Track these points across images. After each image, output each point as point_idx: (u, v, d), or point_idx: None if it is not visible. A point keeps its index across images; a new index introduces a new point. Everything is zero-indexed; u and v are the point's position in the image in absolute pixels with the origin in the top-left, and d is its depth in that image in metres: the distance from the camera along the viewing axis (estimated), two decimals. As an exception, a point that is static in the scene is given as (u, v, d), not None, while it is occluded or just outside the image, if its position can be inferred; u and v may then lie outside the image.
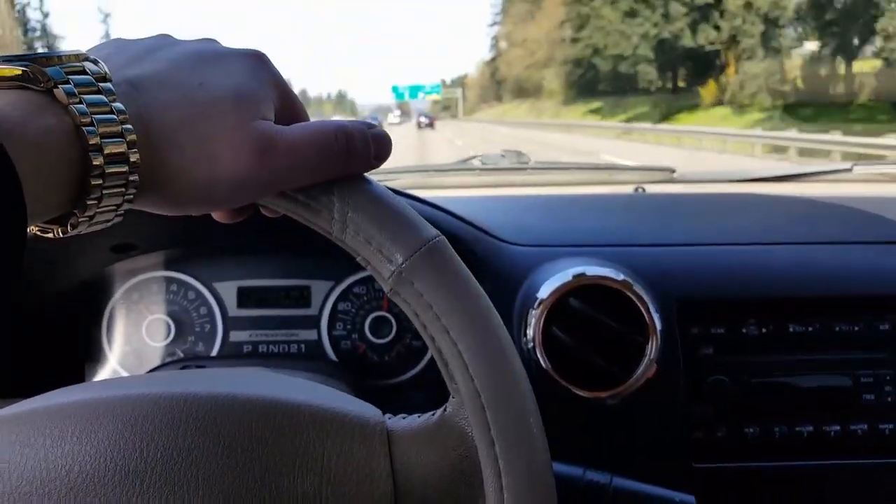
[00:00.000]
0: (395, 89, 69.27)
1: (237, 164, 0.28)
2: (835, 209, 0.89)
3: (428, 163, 2.34)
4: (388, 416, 0.33)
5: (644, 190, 1.10)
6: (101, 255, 0.73)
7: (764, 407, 0.65)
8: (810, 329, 0.65)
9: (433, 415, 0.33)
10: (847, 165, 1.14)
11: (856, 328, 0.65)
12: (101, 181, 0.25)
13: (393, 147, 0.32)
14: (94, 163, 0.25)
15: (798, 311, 0.66)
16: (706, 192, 1.09)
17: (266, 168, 0.29)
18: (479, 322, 0.30)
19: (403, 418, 0.33)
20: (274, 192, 0.30)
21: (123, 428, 0.29)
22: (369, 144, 0.31)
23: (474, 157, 1.35)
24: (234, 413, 0.31)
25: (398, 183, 1.19)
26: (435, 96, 71.44)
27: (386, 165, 0.32)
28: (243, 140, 0.28)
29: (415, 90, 71.15)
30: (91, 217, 0.26)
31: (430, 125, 45.29)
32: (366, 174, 0.32)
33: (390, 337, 0.75)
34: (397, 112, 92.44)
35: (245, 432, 0.30)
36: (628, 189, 1.12)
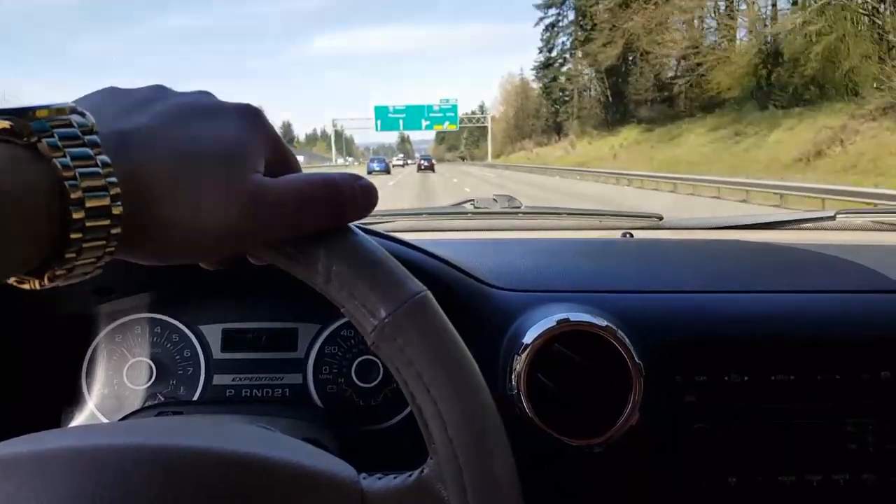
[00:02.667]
0: (380, 113, 59.22)
1: (225, 217, 0.28)
2: (818, 258, 0.90)
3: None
4: (363, 475, 0.33)
5: (632, 235, 1.12)
6: (84, 297, 0.73)
7: (747, 455, 0.65)
8: (792, 378, 0.65)
9: (410, 476, 0.32)
10: (830, 213, 1.16)
11: (837, 377, 0.65)
12: (80, 235, 0.25)
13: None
14: (75, 216, 0.25)
15: (781, 360, 0.66)
16: (692, 239, 1.10)
17: (253, 220, 0.29)
18: (459, 383, 0.30)
19: (379, 478, 0.33)
20: (261, 243, 0.31)
21: (81, 482, 0.28)
22: (356, 196, 0.32)
23: (467, 201, 1.38)
24: (206, 468, 0.30)
25: (392, 226, 1.21)
26: (446, 126, 62.34)
27: (381, 208, 0.35)
28: (232, 194, 0.28)
29: (415, 115, 60.67)
30: (70, 270, 0.26)
31: (430, 168, 46.11)
32: (353, 226, 0.32)
33: (377, 381, 0.74)
34: (400, 156, 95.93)
35: (216, 489, 0.29)
36: (616, 234, 1.13)
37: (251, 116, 0.31)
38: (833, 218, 1.16)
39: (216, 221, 0.28)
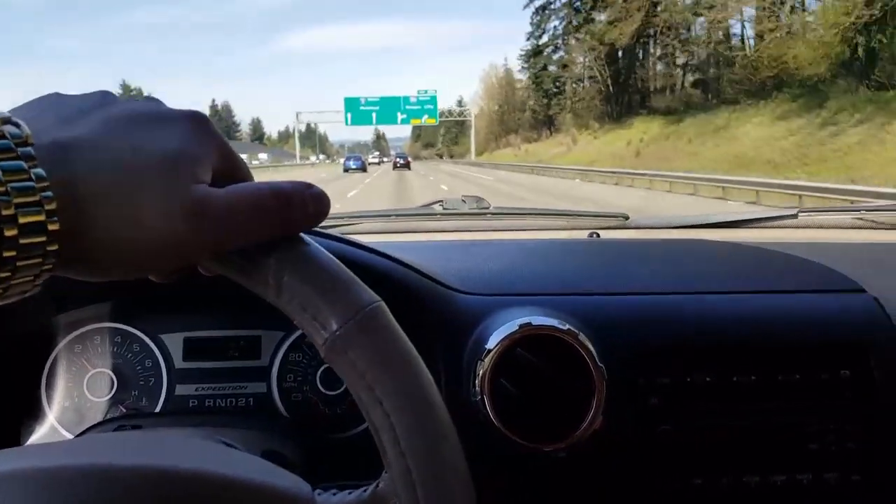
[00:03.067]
0: (350, 105, 53.56)
1: (166, 229, 0.28)
2: (780, 257, 0.92)
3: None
4: (318, 491, 0.32)
5: (598, 235, 1.13)
6: (41, 307, 0.71)
7: (711, 457, 0.66)
8: (754, 378, 0.66)
9: (365, 491, 0.32)
10: (792, 212, 1.19)
11: (798, 377, 0.66)
12: (14, 252, 0.24)
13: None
14: (7, 234, 0.24)
15: (743, 361, 0.67)
16: (657, 239, 1.12)
17: (197, 232, 0.28)
18: (412, 396, 0.29)
19: (334, 494, 0.32)
20: (208, 255, 0.30)
21: (37, 502, 0.28)
22: (307, 204, 0.31)
23: (436, 202, 1.38)
24: (159, 487, 0.29)
25: (358, 227, 1.20)
26: (425, 121, 56.94)
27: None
28: (174, 205, 0.28)
29: (389, 108, 55.33)
30: (6, 289, 0.25)
31: (406, 166, 45.92)
32: (306, 235, 0.32)
33: (342, 389, 0.74)
34: (376, 153, 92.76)
35: None
36: (584, 234, 1.14)
37: (198, 124, 0.31)
38: (795, 216, 1.18)
39: (158, 235, 0.27)
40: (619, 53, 41.01)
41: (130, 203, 0.27)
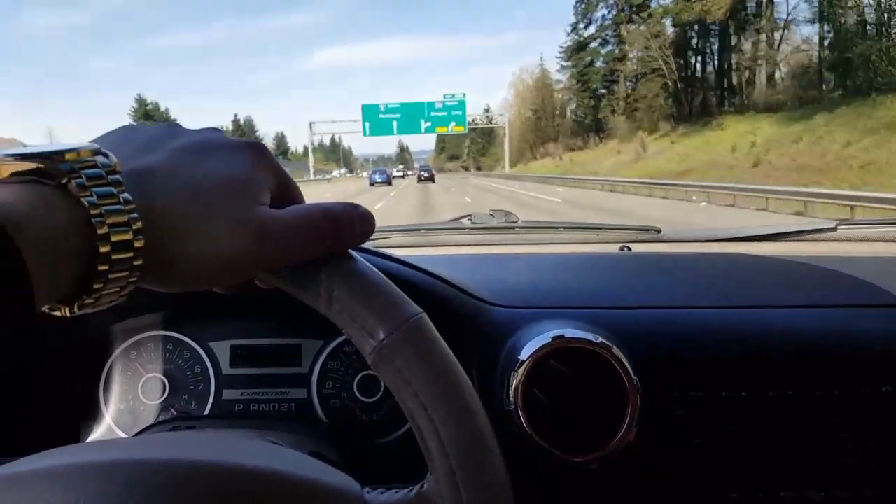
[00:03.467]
0: (369, 113, 50.31)
1: (235, 246, 0.31)
2: (818, 271, 0.91)
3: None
4: (367, 489, 0.34)
5: (630, 249, 1.12)
6: (100, 316, 0.74)
7: (746, 472, 0.65)
8: (790, 393, 0.66)
9: (410, 491, 0.33)
10: (831, 224, 1.17)
11: (836, 392, 0.66)
12: (107, 267, 0.27)
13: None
14: (102, 250, 0.27)
15: (778, 375, 0.66)
16: (691, 252, 1.11)
17: (260, 249, 0.31)
18: (455, 402, 0.31)
19: (382, 493, 0.34)
20: (268, 269, 0.33)
21: (105, 495, 0.30)
22: (354, 223, 0.34)
23: (464, 217, 1.39)
24: (215, 482, 0.31)
25: (389, 242, 1.22)
26: (452, 129, 51.05)
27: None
28: (241, 225, 0.31)
29: (412, 115, 52.53)
30: (97, 299, 0.29)
31: (430, 178, 44.64)
32: (352, 251, 0.35)
33: (379, 396, 0.75)
34: (400, 166, 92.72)
35: (221, 502, 0.31)
36: (614, 248, 1.14)
37: (257, 152, 0.34)
38: (834, 229, 1.16)
39: (227, 251, 0.31)
40: (694, 41, 33.42)
41: (202, 223, 0.30)
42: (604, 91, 47.88)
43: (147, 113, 74.98)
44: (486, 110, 72.22)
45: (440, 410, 0.31)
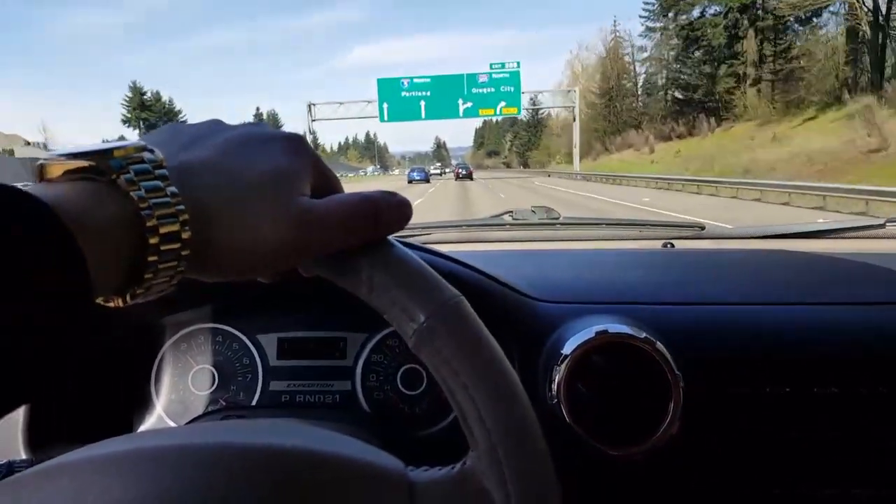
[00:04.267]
0: (387, 90, 36.98)
1: (277, 235, 0.32)
2: (864, 268, 0.89)
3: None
4: (410, 468, 0.35)
5: (673, 246, 1.12)
6: (151, 309, 0.77)
7: (789, 469, 0.65)
8: (835, 390, 0.65)
9: (453, 468, 0.34)
10: (880, 221, 1.14)
11: (882, 390, 0.65)
12: (156, 257, 0.29)
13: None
14: (151, 242, 0.28)
15: (822, 373, 0.66)
16: (735, 249, 1.10)
17: (303, 238, 0.33)
18: (494, 379, 0.32)
19: (425, 470, 0.35)
20: (310, 257, 0.35)
21: (166, 477, 0.31)
22: (392, 211, 0.35)
23: (506, 213, 1.40)
24: (267, 463, 0.33)
25: (431, 237, 1.24)
26: (500, 111, 38.43)
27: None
28: (282, 215, 0.32)
29: (446, 93, 37.60)
30: (148, 289, 0.30)
31: (468, 176, 42.09)
32: (392, 238, 0.36)
33: (421, 389, 0.77)
34: (438, 164, 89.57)
35: (274, 482, 0.32)
36: (657, 245, 1.14)
37: (296, 144, 0.35)
38: (883, 226, 1.14)
39: (270, 241, 0.32)
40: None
41: (246, 214, 0.32)
42: (729, 52, 30.11)
43: (143, 103, 68.22)
44: (533, 101, 57.68)
45: (480, 388, 0.32)
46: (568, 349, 0.64)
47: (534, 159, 77.84)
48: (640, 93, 49.04)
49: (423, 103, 38.66)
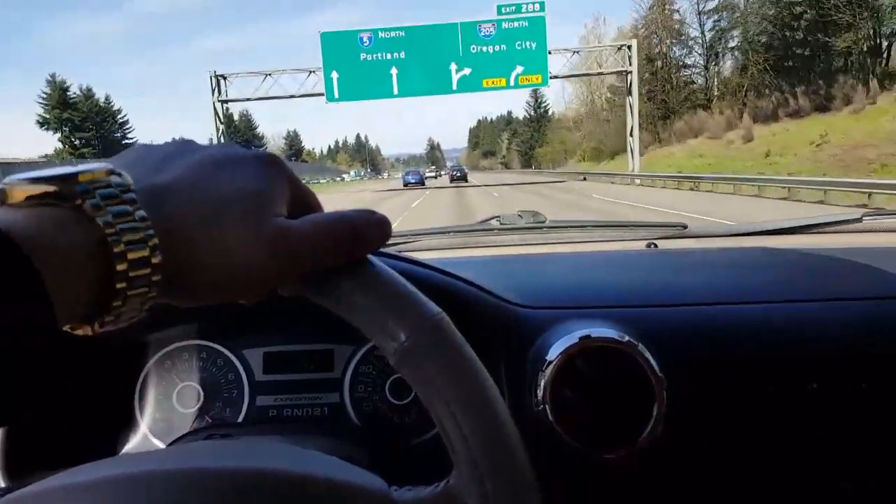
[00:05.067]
0: (337, 53, 23.48)
1: (253, 258, 0.31)
2: (844, 264, 0.90)
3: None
4: (394, 487, 0.35)
5: (656, 246, 1.13)
6: (134, 326, 0.77)
7: (773, 468, 0.66)
8: (816, 387, 0.66)
9: (437, 486, 0.34)
10: (857, 216, 1.16)
11: (863, 386, 0.66)
12: (125, 284, 0.28)
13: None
14: (119, 268, 0.28)
15: (805, 371, 0.66)
16: (717, 247, 1.11)
17: (279, 259, 0.32)
18: (475, 397, 0.32)
19: (409, 490, 0.35)
20: (287, 279, 0.34)
21: None
22: (370, 229, 0.35)
23: (493, 218, 1.41)
24: (245, 486, 0.32)
25: (418, 244, 1.24)
26: (518, 79, 22.55)
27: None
28: (258, 237, 0.31)
29: (432, 56, 23.15)
30: (118, 316, 0.29)
31: (463, 178, 41.73)
32: (371, 256, 0.35)
33: (410, 398, 0.77)
34: (432, 167, 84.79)
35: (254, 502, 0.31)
36: (641, 245, 1.15)
37: (271, 164, 0.34)
38: (859, 220, 1.15)
39: (245, 263, 0.31)
40: None
41: (219, 236, 0.31)
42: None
43: (66, 100, 56.30)
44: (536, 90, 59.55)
45: (461, 406, 0.32)
46: (552, 355, 0.65)
47: (543, 158, 66.05)
48: (709, 63, 30.51)
49: (394, 71, 24.11)
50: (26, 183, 0.28)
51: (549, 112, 71.83)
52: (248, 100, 30.32)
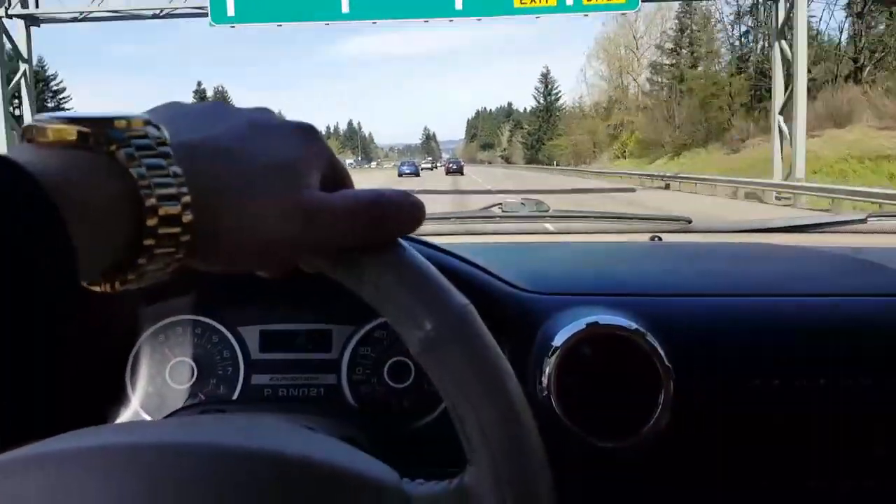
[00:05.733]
0: None
1: (284, 228, 0.30)
2: (849, 261, 0.90)
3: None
4: (405, 480, 0.34)
5: (660, 239, 1.12)
6: (129, 299, 0.75)
7: (777, 461, 0.65)
8: (821, 382, 0.65)
9: (451, 483, 0.33)
10: (861, 216, 1.16)
11: (867, 382, 0.65)
12: (153, 241, 0.27)
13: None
14: (149, 223, 0.26)
15: (808, 365, 0.66)
16: (721, 242, 1.11)
17: (310, 232, 0.31)
18: (499, 394, 0.31)
19: (421, 484, 0.34)
20: (316, 253, 0.33)
21: (130, 478, 0.29)
22: (404, 211, 0.34)
23: (496, 205, 1.40)
24: (248, 467, 0.30)
25: (421, 229, 1.23)
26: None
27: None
28: (290, 206, 0.30)
29: None
30: (141, 275, 0.28)
31: (459, 171, 40.89)
32: (401, 240, 0.34)
33: (409, 382, 0.76)
34: (429, 158, 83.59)
35: (257, 489, 0.30)
36: (645, 238, 1.14)
37: (308, 134, 0.33)
38: (864, 221, 1.16)
39: (276, 232, 0.30)
40: None
41: (251, 202, 0.29)
42: None
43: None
44: (545, 76, 55.45)
45: (484, 403, 0.31)
46: (558, 341, 0.64)
47: (560, 152, 53.19)
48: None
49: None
50: (59, 122, 0.26)
51: (561, 101, 64.33)
52: (66, 20, 17.93)
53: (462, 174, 39.85)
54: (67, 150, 0.26)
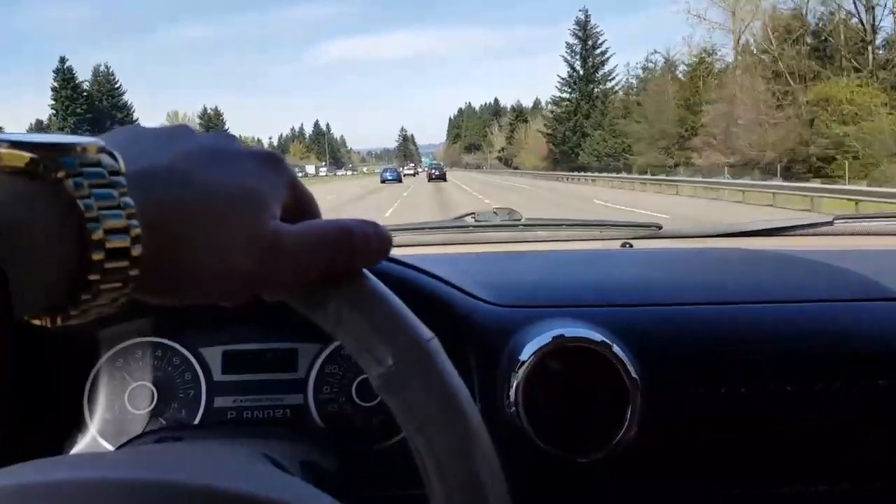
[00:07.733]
0: None
1: (241, 259, 0.29)
2: (817, 266, 0.91)
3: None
4: None
5: (631, 245, 1.13)
6: (85, 323, 0.73)
7: (748, 468, 0.65)
8: (789, 388, 0.66)
9: None
10: (828, 219, 1.17)
11: (835, 386, 0.66)
12: (98, 276, 0.25)
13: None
14: (94, 258, 0.25)
15: (777, 371, 0.66)
16: (691, 247, 1.11)
17: (270, 265, 0.30)
18: (458, 431, 0.31)
19: None
20: (277, 286, 0.31)
21: None
22: (371, 242, 0.32)
23: (468, 215, 1.39)
24: (179, 500, 0.29)
25: (394, 240, 1.22)
26: None
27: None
28: (251, 238, 0.29)
29: None
30: (85, 311, 0.26)
31: (442, 177, 41.32)
32: (366, 271, 0.33)
33: (377, 400, 0.74)
34: (410, 164, 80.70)
35: None
36: (616, 245, 1.14)
37: (271, 163, 0.32)
38: (831, 223, 1.17)
39: (234, 265, 0.29)
40: None
41: (210, 234, 0.28)
42: None
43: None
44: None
45: (444, 443, 0.30)
46: (525, 355, 0.63)
47: (596, 149, 40.52)
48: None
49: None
50: (6, 146, 0.24)
51: (608, 63, 41.18)
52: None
53: (445, 180, 39.30)
54: (10, 178, 0.24)
